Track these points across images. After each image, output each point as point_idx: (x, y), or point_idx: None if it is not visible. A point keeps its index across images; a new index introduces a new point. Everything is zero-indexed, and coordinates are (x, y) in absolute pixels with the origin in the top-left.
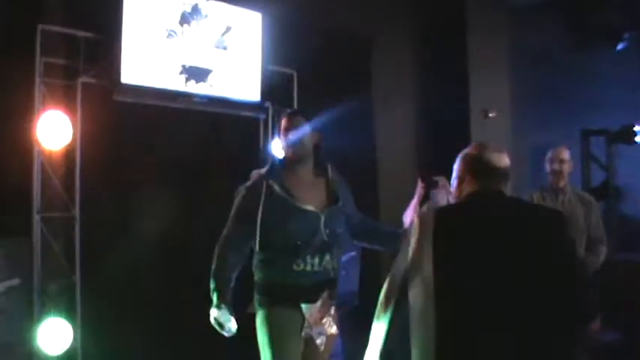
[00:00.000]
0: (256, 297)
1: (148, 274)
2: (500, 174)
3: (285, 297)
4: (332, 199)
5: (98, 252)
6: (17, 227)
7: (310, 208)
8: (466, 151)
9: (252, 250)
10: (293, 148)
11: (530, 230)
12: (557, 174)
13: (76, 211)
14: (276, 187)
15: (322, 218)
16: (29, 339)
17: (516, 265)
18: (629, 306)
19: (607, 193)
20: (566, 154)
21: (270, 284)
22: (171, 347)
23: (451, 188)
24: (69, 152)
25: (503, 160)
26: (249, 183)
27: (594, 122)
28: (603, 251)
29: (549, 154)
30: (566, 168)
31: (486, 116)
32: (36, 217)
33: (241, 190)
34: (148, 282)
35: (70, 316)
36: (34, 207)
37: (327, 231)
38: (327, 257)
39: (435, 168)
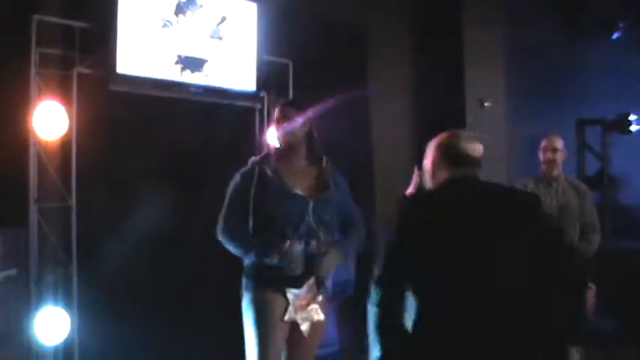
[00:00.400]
0: (244, 281)
1: (145, 263)
2: (475, 162)
3: (271, 281)
4: (322, 187)
5: (95, 242)
6: (14, 217)
7: (299, 192)
8: (440, 139)
9: None
10: (285, 138)
11: (507, 212)
12: (550, 163)
13: (73, 201)
14: (268, 172)
15: (310, 204)
16: (26, 329)
17: (499, 248)
18: (624, 294)
19: (602, 182)
20: (558, 143)
21: (256, 268)
22: (169, 336)
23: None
24: (65, 142)
25: (478, 149)
26: (243, 169)
27: (589, 112)
28: (597, 239)
29: (542, 143)
30: (559, 157)
31: (482, 106)
32: (32, 208)
33: (236, 176)
34: (145, 271)
35: (66, 305)
36: (31, 197)
37: (315, 217)
38: (314, 243)
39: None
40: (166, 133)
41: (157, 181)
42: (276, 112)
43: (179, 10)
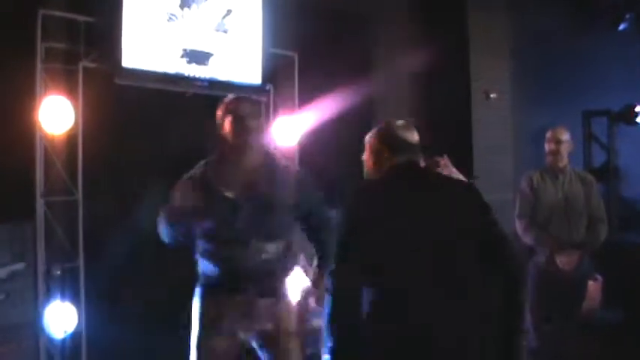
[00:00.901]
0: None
1: (151, 256)
2: (415, 148)
3: (210, 287)
4: (266, 189)
5: (101, 235)
6: (21, 211)
7: (231, 195)
8: (378, 130)
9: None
10: (237, 135)
11: (451, 199)
12: (555, 154)
13: (79, 195)
14: (209, 174)
15: (243, 207)
16: (34, 322)
17: (443, 235)
18: (630, 286)
19: (608, 173)
20: (563, 135)
21: (201, 272)
22: (175, 329)
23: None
24: (71, 136)
25: (415, 136)
26: (192, 171)
27: (596, 103)
28: (604, 231)
29: (547, 135)
30: (565, 148)
31: (488, 97)
32: (39, 202)
33: (183, 177)
34: (151, 264)
35: (73, 299)
36: (38, 191)
37: (250, 221)
38: (258, 247)
39: (436, 148)
40: (172, 126)
41: (163, 175)
42: (229, 106)
43: (184, 3)
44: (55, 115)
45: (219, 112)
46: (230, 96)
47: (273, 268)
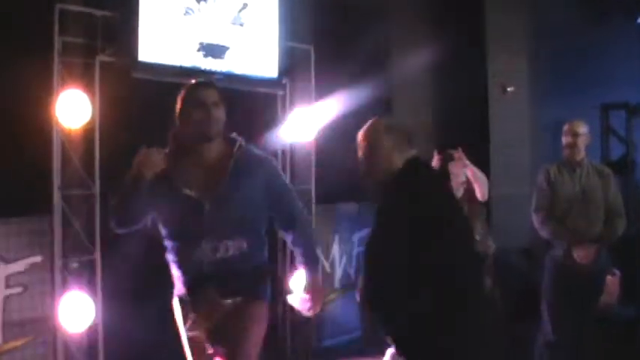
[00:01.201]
0: None
1: None
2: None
3: (179, 288)
4: (229, 183)
5: None
6: (38, 205)
7: (191, 193)
8: (381, 126)
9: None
10: (200, 125)
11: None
12: (572, 147)
13: (96, 188)
14: (170, 169)
15: (206, 205)
16: (51, 316)
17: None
18: None
19: (626, 166)
20: (580, 128)
21: (173, 273)
22: None
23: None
24: (88, 130)
25: None
26: None
27: (614, 96)
28: (621, 224)
29: (564, 128)
30: (582, 141)
31: (504, 91)
32: (57, 195)
33: None
34: None
35: (90, 292)
36: (55, 185)
37: (215, 219)
38: (216, 246)
39: (452, 142)
40: None
41: None
42: (191, 92)
43: None
44: (73, 109)
45: (179, 98)
46: (192, 81)
47: (237, 267)
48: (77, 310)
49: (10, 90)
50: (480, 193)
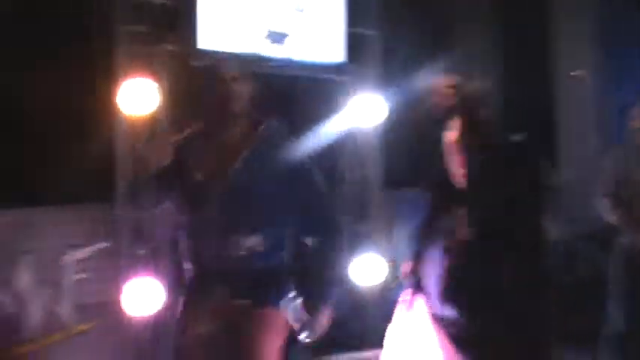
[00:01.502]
0: None
1: None
2: None
3: (187, 287)
4: (243, 171)
5: None
6: (102, 193)
7: (202, 180)
8: None
9: None
10: (217, 102)
11: None
12: (638, 132)
13: None
14: (184, 155)
15: (215, 195)
16: (118, 300)
17: None
18: None
19: None
20: None
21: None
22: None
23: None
24: (151, 118)
25: None
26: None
27: None
28: None
29: (633, 112)
30: None
31: (571, 76)
32: (121, 183)
33: None
34: None
35: (157, 278)
36: (119, 172)
37: (225, 211)
38: (234, 242)
39: (519, 129)
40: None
41: None
42: (210, 70)
43: None
44: (136, 97)
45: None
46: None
47: (249, 266)
48: (143, 296)
49: (73, 79)
50: None
